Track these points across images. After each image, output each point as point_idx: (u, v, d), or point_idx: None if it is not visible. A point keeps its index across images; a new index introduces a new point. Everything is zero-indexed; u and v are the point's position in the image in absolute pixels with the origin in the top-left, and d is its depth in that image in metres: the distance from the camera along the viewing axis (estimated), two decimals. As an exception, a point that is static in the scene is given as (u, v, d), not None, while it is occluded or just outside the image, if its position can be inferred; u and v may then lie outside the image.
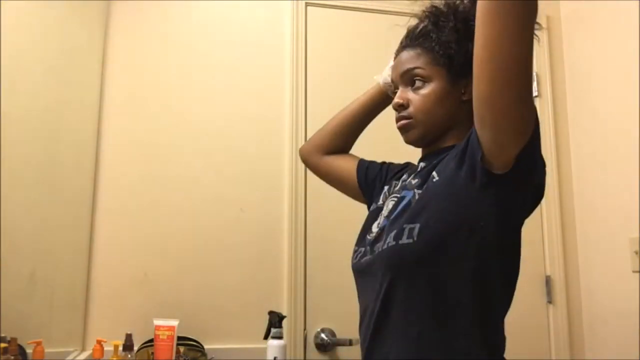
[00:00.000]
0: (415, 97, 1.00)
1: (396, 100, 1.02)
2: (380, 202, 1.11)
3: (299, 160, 2.04)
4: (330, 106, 2.10)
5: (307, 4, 2.14)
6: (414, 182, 1.01)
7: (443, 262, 0.89)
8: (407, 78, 1.02)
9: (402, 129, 1.03)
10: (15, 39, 1.30)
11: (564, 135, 2.25)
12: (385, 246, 0.93)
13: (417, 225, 0.89)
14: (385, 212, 1.05)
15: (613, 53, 2.05)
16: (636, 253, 1.86)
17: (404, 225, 0.91)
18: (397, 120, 1.03)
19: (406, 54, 1.03)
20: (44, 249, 1.52)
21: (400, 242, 0.90)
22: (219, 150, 2.01)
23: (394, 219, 0.96)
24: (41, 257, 1.50)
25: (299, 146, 2.04)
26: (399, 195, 1.03)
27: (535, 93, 2.26)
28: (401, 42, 1.06)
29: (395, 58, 1.07)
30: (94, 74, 1.93)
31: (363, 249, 1.04)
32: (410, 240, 0.88)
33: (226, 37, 2.09)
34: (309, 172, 2.03)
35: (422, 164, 1.05)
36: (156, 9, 2.05)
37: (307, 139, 2.05)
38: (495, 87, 0.80)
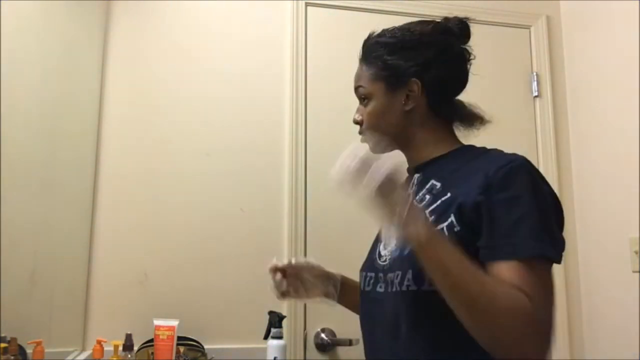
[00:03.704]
0: (364, 114, 1.04)
1: (354, 117, 1.07)
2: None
3: (299, 160, 2.05)
4: (330, 106, 2.11)
5: (307, 4, 2.14)
6: (423, 205, 0.94)
7: None
8: (358, 95, 1.06)
9: (361, 140, 1.06)
10: (15, 39, 1.30)
11: (564, 135, 2.25)
12: (405, 288, 0.88)
13: None
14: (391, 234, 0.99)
15: (613, 53, 2.05)
16: (636, 253, 1.86)
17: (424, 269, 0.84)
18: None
19: (358, 69, 1.07)
20: (44, 249, 1.52)
21: (422, 288, 0.86)
22: (219, 150, 2.01)
23: (410, 256, 0.87)
24: (41, 257, 1.50)
25: (299, 145, 2.05)
26: None
27: (535, 93, 2.26)
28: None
29: None
30: (94, 74, 1.93)
31: (373, 275, 1.00)
32: (433, 288, 0.82)
33: (226, 37, 2.09)
34: (309, 172, 2.04)
35: (417, 176, 1.02)
36: (156, 9, 2.05)
37: (307, 138, 2.06)
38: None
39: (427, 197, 0.95)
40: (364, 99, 1.04)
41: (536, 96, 2.26)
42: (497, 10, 2.27)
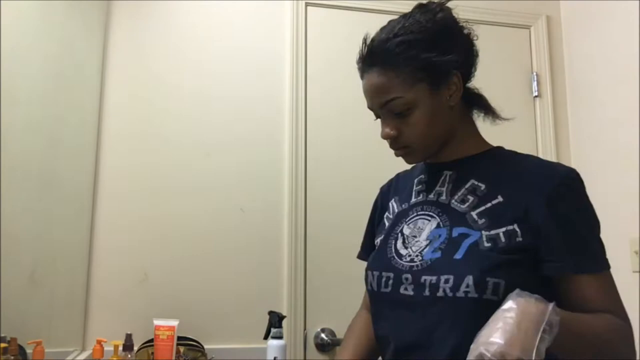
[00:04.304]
0: (406, 127, 0.91)
1: (386, 132, 0.93)
2: (389, 222, 1.02)
3: (299, 160, 2.05)
4: (330, 106, 2.11)
5: (307, 4, 2.14)
6: (468, 207, 0.90)
7: None
8: (388, 109, 0.92)
9: (402, 156, 0.97)
10: (15, 39, 1.30)
11: (564, 135, 2.25)
12: (462, 294, 0.83)
13: (502, 282, 0.82)
14: (416, 232, 0.94)
15: (613, 53, 2.05)
16: (636, 253, 1.86)
17: (487, 279, 0.81)
18: (392, 148, 0.96)
19: (376, 78, 0.91)
20: (44, 249, 1.52)
21: (484, 297, 0.81)
22: (219, 150, 2.01)
23: (464, 261, 0.84)
24: (41, 257, 1.50)
25: (299, 145, 2.05)
26: (433, 216, 0.93)
27: (535, 93, 2.27)
28: (363, 57, 0.94)
29: (360, 73, 0.95)
30: (94, 73, 1.93)
31: (392, 275, 0.92)
32: (496, 298, 0.81)
33: (226, 37, 2.09)
34: (309, 171, 2.04)
35: (449, 173, 0.96)
36: (156, 9, 2.05)
37: (307, 138, 2.06)
38: None
39: (471, 197, 0.91)
40: (401, 111, 0.90)
41: (536, 96, 2.26)
42: (497, 10, 2.27)
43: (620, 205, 1.95)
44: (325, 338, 1.93)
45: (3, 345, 1.15)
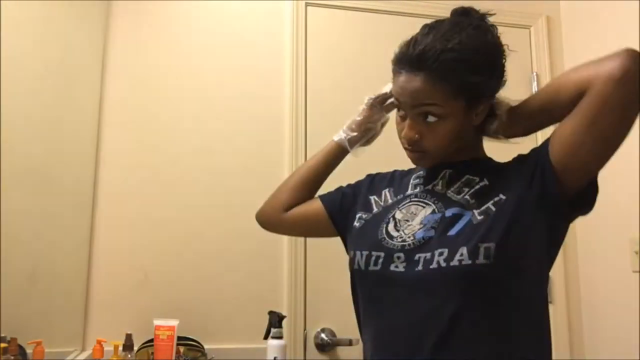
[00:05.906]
0: (430, 134, 0.94)
1: (410, 135, 0.94)
2: (378, 208, 1.06)
3: (300, 159, 2.04)
4: (330, 106, 2.11)
5: (307, 4, 2.14)
6: (463, 196, 0.95)
7: (516, 283, 0.89)
8: (420, 111, 0.93)
9: (413, 158, 0.99)
10: (15, 39, 1.30)
11: (564, 135, 2.25)
12: (456, 263, 0.86)
13: (492, 245, 0.86)
14: (409, 217, 0.97)
15: (613, 53, 2.05)
16: (636, 253, 1.86)
17: (479, 245, 0.86)
18: (408, 148, 0.98)
19: (421, 83, 0.91)
20: (44, 249, 1.53)
21: (477, 262, 0.85)
22: (219, 151, 2.01)
23: (458, 236, 0.89)
24: (41, 257, 1.50)
25: (299, 146, 2.05)
26: (428, 203, 0.97)
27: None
28: (410, 59, 0.92)
29: (398, 69, 0.94)
30: (94, 74, 1.93)
31: (383, 255, 0.94)
32: (487, 261, 0.85)
33: (226, 37, 2.09)
34: (309, 172, 2.04)
35: (449, 171, 1.00)
36: (156, 9, 2.05)
37: (307, 138, 2.06)
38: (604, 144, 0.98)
39: (466, 189, 0.97)
40: (428, 115, 0.92)
41: (536, 96, 2.26)
42: (497, 10, 2.26)
43: (620, 205, 1.95)
44: (325, 338, 1.93)
45: (3, 345, 1.16)
